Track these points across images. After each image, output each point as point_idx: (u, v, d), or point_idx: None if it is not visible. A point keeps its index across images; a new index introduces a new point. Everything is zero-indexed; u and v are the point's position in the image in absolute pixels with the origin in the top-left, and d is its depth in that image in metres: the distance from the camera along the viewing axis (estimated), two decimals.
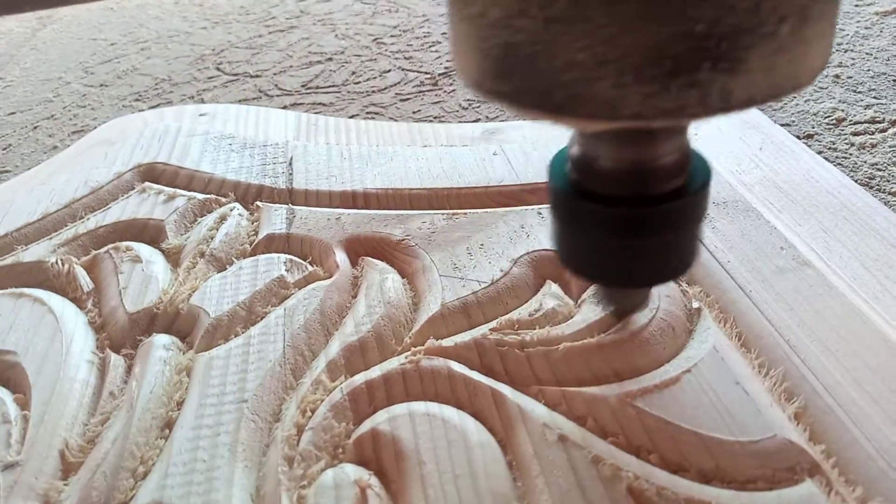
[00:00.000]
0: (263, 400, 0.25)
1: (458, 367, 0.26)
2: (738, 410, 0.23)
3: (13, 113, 0.56)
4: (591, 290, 0.28)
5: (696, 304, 0.28)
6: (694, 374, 0.24)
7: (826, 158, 0.38)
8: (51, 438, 0.25)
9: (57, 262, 0.33)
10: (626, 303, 0.25)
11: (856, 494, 0.21)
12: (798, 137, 0.41)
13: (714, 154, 0.37)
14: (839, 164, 0.39)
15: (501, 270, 0.30)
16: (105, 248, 0.34)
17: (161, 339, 0.28)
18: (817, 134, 0.42)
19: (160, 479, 0.23)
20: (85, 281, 0.32)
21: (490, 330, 0.27)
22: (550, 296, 0.28)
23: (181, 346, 0.28)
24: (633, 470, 0.21)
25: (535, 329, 0.27)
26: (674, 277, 0.23)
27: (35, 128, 0.54)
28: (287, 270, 0.31)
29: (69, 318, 0.30)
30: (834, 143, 0.41)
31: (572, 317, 0.27)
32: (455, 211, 0.34)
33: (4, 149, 0.51)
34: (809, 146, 0.40)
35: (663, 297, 0.27)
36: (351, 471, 0.23)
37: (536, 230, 0.32)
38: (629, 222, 0.20)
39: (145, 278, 0.31)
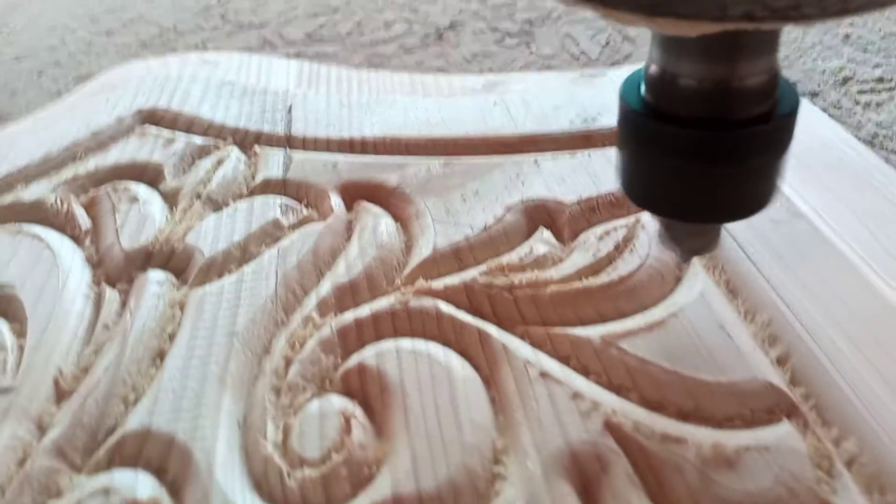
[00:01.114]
0: (254, 334, 0.26)
1: (446, 307, 0.26)
2: (721, 353, 0.23)
3: (19, 59, 0.56)
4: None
5: None
6: (679, 318, 0.24)
7: (830, 116, 0.38)
8: (45, 366, 0.25)
9: (56, 201, 0.33)
10: (695, 243, 0.23)
11: (831, 435, 0.21)
12: (803, 95, 0.41)
13: None
14: (843, 121, 0.39)
15: (494, 217, 0.30)
16: (103, 188, 0.34)
17: (156, 275, 0.29)
18: (823, 92, 0.42)
19: (150, 406, 0.23)
20: (83, 219, 0.32)
21: (480, 273, 0.27)
22: (542, 241, 0.29)
23: (175, 282, 0.29)
24: (611, 406, 0.22)
25: (524, 273, 0.27)
26: (749, 214, 0.21)
27: (40, 74, 0.54)
28: (282, 213, 0.31)
29: (66, 254, 0.30)
30: (839, 102, 0.41)
31: (562, 262, 0.28)
32: (451, 158, 0.34)
33: (10, 94, 0.51)
34: (814, 104, 0.40)
35: (653, 244, 0.27)
36: (336, 401, 0.23)
37: (532, 179, 0.32)
38: (710, 146, 0.19)
39: (142, 217, 0.32)
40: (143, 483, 0.21)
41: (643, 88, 0.20)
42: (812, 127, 0.35)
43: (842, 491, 0.20)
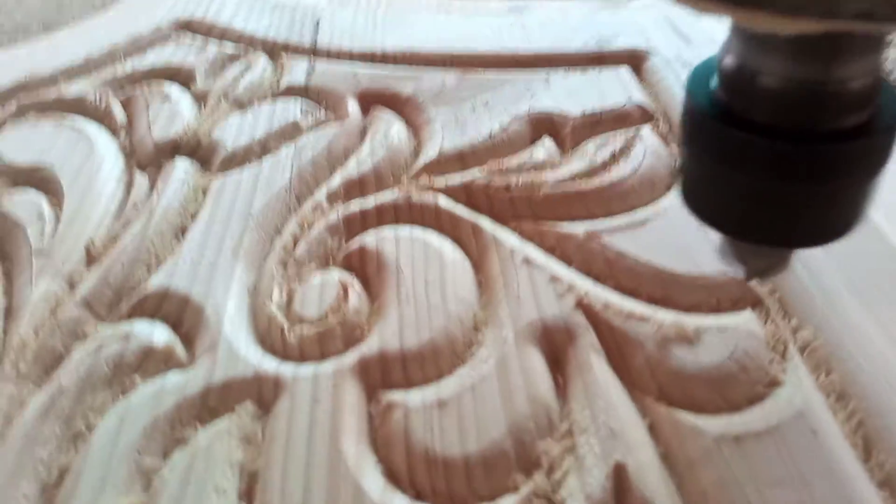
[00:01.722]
0: (267, 217, 0.28)
1: (445, 202, 0.28)
2: (697, 250, 0.25)
3: None
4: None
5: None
6: (662, 218, 0.26)
7: None
8: (78, 235, 0.28)
9: (95, 97, 0.35)
10: (763, 263, 0.20)
11: (790, 325, 0.22)
12: None
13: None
14: None
15: (501, 125, 0.31)
16: (139, 87, 0.36)
17: (182, 163, 0.31)
18: None
19: (170, 270, 0.26)
20: (119, 114, 0.35)
21: (480, 173, 0.29)
22: (543, 149, 0.30)
23: (200, 170, 0.31)
24: (586, 289, 0.23)
25: (522, 175, 0.28)
26: (828, 241, 0.18)
27: None
28: (302, 115, 0.33)
29: (102, 144, 0.33)
30: None
31: (559, 167, 0.29)
32: (465, 72, 0.35)
33: (57, 7, 0.54)
34: None
35: (649, 154, 0.29)
36: (336, 274, 0.25)
37: (541, 93, 0.33)
38: (790, 161, 0.16)
39: (172, 114, 0.34)
40: (159, 332, 0.24)
41: (714, 82, 0.17)
42: None
43: (791, 371, 0.21)
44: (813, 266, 0.24)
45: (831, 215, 0.17)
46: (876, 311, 0.22)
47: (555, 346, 0.22)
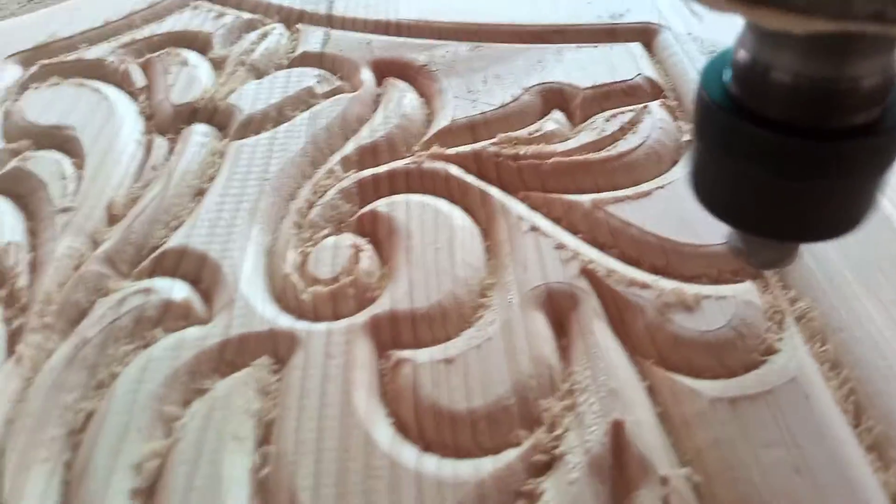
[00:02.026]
0: (283, 181, 0.29)
1: (455, 170, 0.28)
2: (700, 222, 0.25)
3: None
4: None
5: (686, 138, 0.29)
6: (667, 190, 0.27)
7: None
8: (100, 194, 0.28)
9: (114, 61, 0.36)
10: (770, 255, 0.20)
11: (788, 296, 0.23)
12: None
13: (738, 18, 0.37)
14: None
15: (512, 96, 0.32)
16: (157, 53, 0.37)
17: (200, 128, 0.32)
18: None
19: (188, 230, 0.27)
20: (138, 77, 0.35)
21: (490, 143, 0.29)
22: (553, 121, 0.31)
23: (217, 135, 0.32)
24: (590, 257, 0.24)
25: (531, 146, 0.29)
26: (837, 235, 0.18)
27: None
28: (317, 82, 0.34)
29: (122, 106, 0.33)
30: None
31: (568, 139, 0.30)
32: (478, 43, 0.35)
33: None
34: None
35: (656, 128, 0.29)
36: (349, 237, 0.26)
37: (553, 66, 0.34)
38: (800, 157, 0.16)
39: (191, 79, 0.35)
40: (178, 288, 0.25)
41: (727, 76, 0.17)
42: None
43: (787, 339, 0.22)
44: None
45: (840, 211, 0.17)
46: (876, 292, 0.23)
47: (559, 310, 0.23)
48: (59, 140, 0.32)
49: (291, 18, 0.39)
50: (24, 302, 0.25)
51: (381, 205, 0.27)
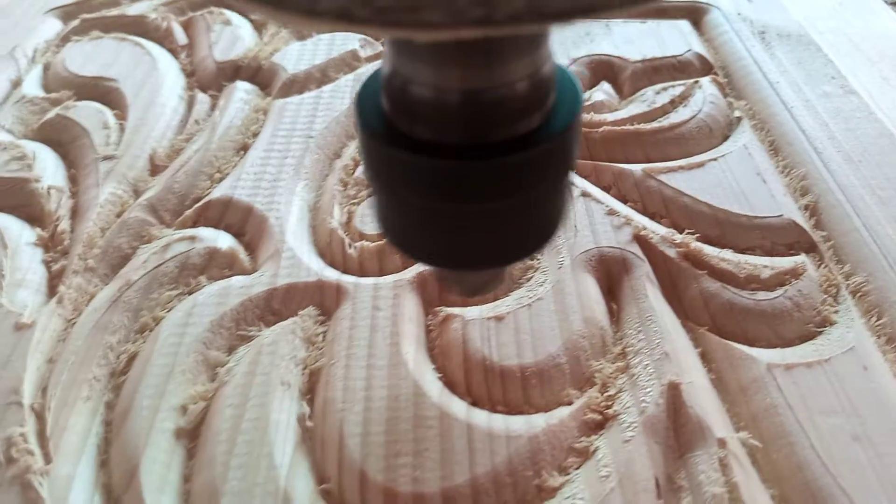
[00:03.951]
0: (327, 140, 0.28)
1: None
2: (753, 194, 0.25)
3: None
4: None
5: (737, 114, 0.29)
6: (719, 163, 0.26)
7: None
8: (143, 144, 0.28)
9: (157, 18, 0.36)
10: (478, 280, 0.18)
11: (843, 270, 0.23)
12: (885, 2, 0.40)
13: (787, 1, 0.37)
14: None
15: None
16: (200, 12, 0.36)
17: (243, 85, 0.31)
18: None
19: (233, 182, 0.26)
20: (180, 35, 0.35)
21: None
22: (602, 91, 0.30)
23: (260, 93, 0.31)
24: (643, 224, 0.24)
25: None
26: (527, 255, 0.16)
27: None
28: (361, 46, 0.33)
29: (164, 62, 0.33)
30: None
31: (618, 110, 0.29)
32: None
33: None
34: None
35: (707, 103, 0.29)
36: None
37: (600, 38, 0.33)
38: (448, 180, 0.13)
39: (234, 38, 0.34)
40: (223, 237, 0.24)
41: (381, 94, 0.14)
42: (886, 29, 0.35)
43: (843, 312, 0.21)
44: (868, 217, 0.24)
45: (526, 226, 0.15)
46: None
47: (610, 275, 0.23)
48: (101, 91, 0.31)
49: None
50: (66, 245, 0.25)
51: None
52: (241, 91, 0.31)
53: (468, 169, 0.13)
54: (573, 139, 0.14)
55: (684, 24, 0.34)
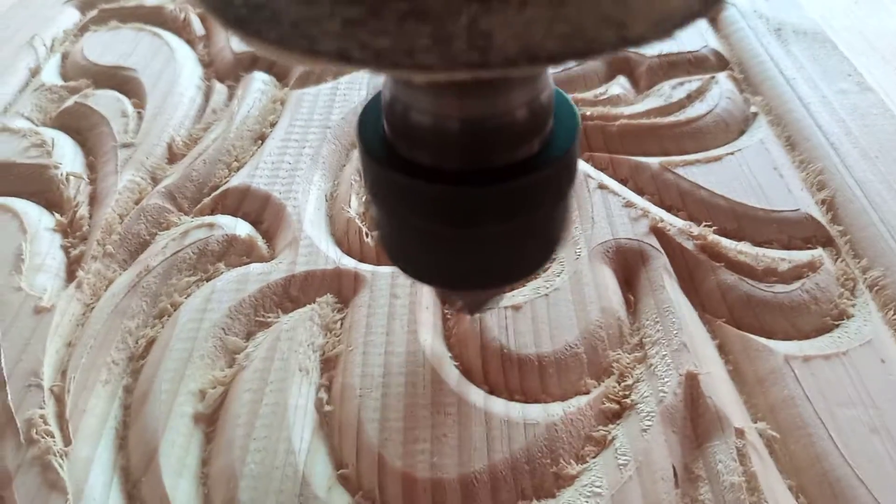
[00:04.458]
0: (344, 130, 0.29)
1: None
2: (770, 188, 0.25)
3: None
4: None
5: (753, 109, 0.29)
6: (736, 157, 0.26)
7: None
8: (161, 132, 0.28)
9: (175, 9, 0.36)
10: (479, 297, 0.18)
11: (860, 264, 0.23)
12: None
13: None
14: None
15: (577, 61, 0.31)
16: None
17: (261, 75, 0.32)
18: None
19: (251, 171, 0.26)
20: (198, 26, 0.35)
21: None
22: (618, 85, 0.30)
23: (276, 83, 0.32)
24: (660, 216, 0.24)
25: (596, 107, 0.29)
26: (527, 275, 0.17)
27: None
28: None
29: (182, 52, 0.33)
30: None
31: (634, 104, 0.29)
32: None
33: None
34: None
35: (724, 98, 0.29)
36: None
37: None
38: (456, 206, 0.14)
39: None
40: (241, 225, 0.24)
41: (382, 119, 0.15)
42: (885, 14, 0.35)
43: (861, 306, 0.21)
44: (886, 212, 0.24)
45: (525, 249, 0.15)
46: None
47: (627, 266, 0.23)
48: (119, 80, 0.32)
49: None
50: (85, 231, 0.25)
51: None
52: (259, 81, 0.31)
53: (468, 194, 0.13)
54: (572, 162, 0.14)
55: (700, 20, 0.34)
